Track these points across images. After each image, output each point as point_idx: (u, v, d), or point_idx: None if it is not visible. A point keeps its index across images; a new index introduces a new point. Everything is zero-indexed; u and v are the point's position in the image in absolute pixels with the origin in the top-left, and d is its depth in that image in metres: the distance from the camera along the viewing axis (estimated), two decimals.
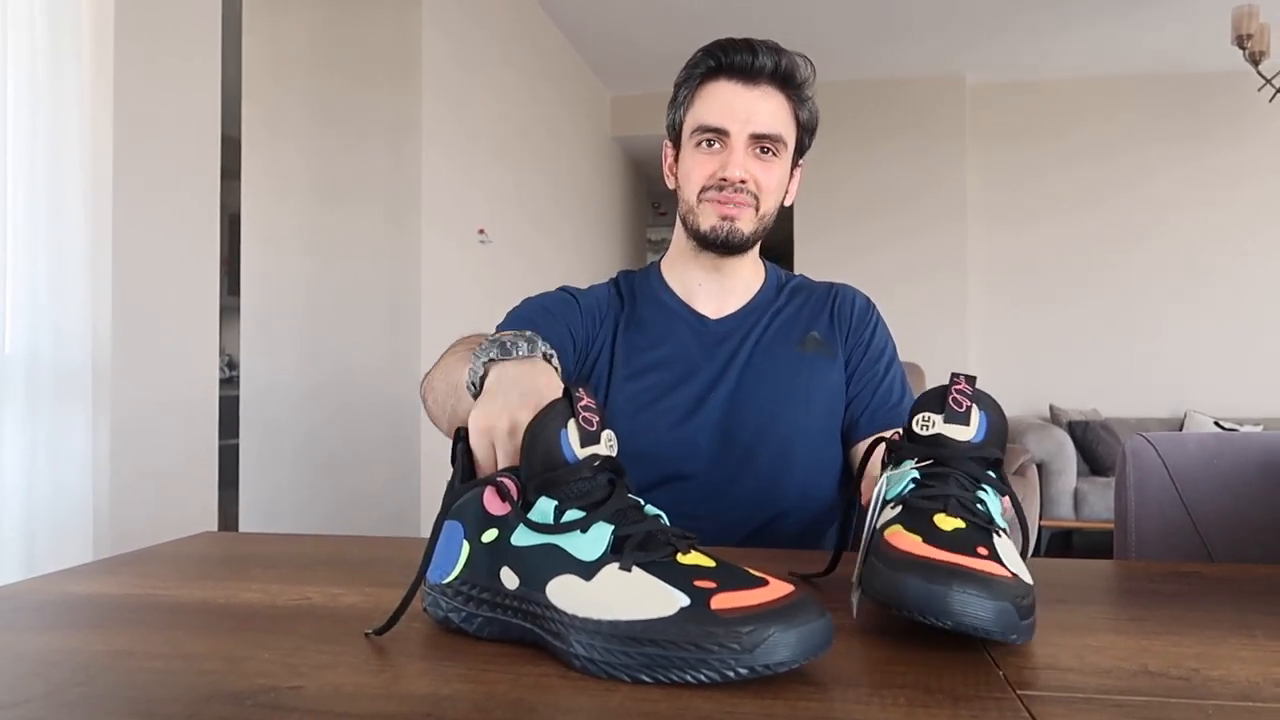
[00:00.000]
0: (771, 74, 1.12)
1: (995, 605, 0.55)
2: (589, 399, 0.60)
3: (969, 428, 0.68)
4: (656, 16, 4.56)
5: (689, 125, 1.15)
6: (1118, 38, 4.82)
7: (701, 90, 1.14)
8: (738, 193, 1.12)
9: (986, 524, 0.63)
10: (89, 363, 1.67)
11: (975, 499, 0.65)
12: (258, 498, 3.15)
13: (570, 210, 4.94)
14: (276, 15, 3.19)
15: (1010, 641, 0.56)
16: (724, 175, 1.11)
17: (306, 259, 3.16)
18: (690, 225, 1.17)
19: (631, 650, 0.51)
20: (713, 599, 0.52)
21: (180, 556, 0.90)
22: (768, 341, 1.20)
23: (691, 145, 1.15)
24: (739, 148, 1.11)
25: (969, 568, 0.57)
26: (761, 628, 0.50)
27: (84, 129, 1.66)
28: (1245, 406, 5.11)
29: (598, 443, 0.60)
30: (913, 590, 0.56)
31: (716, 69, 1.13)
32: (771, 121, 1.12)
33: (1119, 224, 5.36)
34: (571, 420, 0.59)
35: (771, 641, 0.49)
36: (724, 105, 1.12)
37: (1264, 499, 1.03)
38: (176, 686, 0.51)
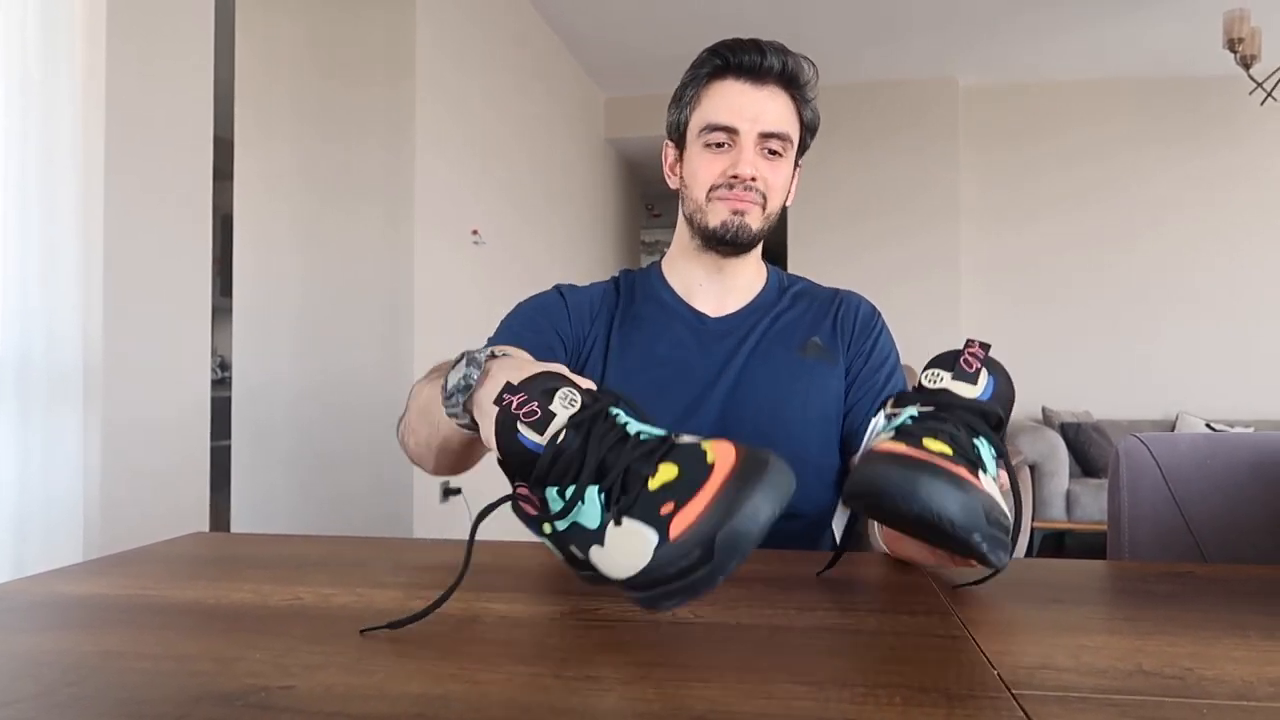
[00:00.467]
0: (779, 74, 1.13)
1: (964, 499, 0.56)
2: (515, 396, 0.62)
3: (976, 387, 0.70)
4: (651, 19, 4.56)
5: (696, 124, 1.16)
6: (1110, 41, 4.84)
7: (709, 89, 1.15)
8: (748, 190, 1.13)
9: (974, 458, 0.65)
10: (81, 364, 1.66)
11: (970, 443, 0.66)
12: (250, 499, 3.14)
13: (564, 212, 4.94)
14: (270, 15, 3.18)
15: (975, 545, 0.57)
16: (735, 173, 1.12)
17: (299, 260, 3.15)
18: (698, 224, 1.17)
19: (654, 593, 0.55)
20: (672, 526, 0.54)
21: (171, 557, 0.90)
22: (767, 343, 1.20)
23: (700, 145, 1.15)
24: (748, 146, 1.12)
25: (947, 468, 0.58)
26: (712, 541, 0.52)
27: (76, 130, 1.65)
28: (1237, 408, 5.13)
29: (553, 416, 0.61)
30: (884, 476, 0.58)
31: (724, 68, 1.14)
32: (779, 120, 1.13)
33: (1111, 226, 5.38)
34: (517, 421, 0.61)
35: (719, 543, 0.52)
36: (733, 104, 1.12)
37: (1256, 499, 1.03)
38: (167, 687, 0.51)
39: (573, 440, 0.60)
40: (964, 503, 0.56)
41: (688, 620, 0.64)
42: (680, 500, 0.54)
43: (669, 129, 1.22)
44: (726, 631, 0.62)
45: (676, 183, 1.22)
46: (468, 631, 0.62)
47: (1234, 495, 1.04)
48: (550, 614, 0.66)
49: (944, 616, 0.65)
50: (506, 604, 0.69)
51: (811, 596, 0.72)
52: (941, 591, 0.74)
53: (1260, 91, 4.03)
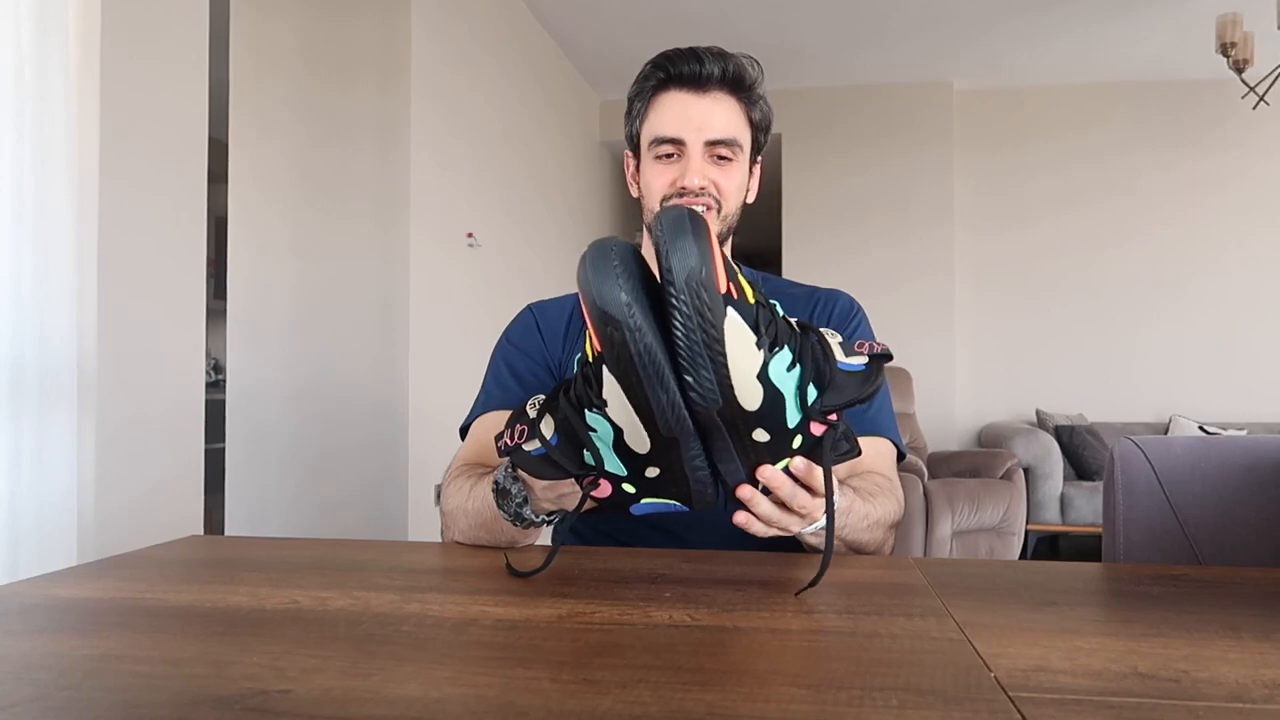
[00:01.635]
0: (720, 79, 1.13)
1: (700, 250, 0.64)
2: (514, 435, 0.76)
3: (848, 359, 0.74)
4: (645, 21, 4.57)
5: (646, 137, 1.17)
6: (1104, 45, 4.86)
7: (654, 102, 1.16)
8: (698, 197, 1.14)
9: (770, 335, 0.69)
10: (74, 367, 1.66)
11: (783, 332, 0.71)
12: (244, 501, 3.13)
13: (559, 214, 4.94)
14: (265, 18, 3.18)
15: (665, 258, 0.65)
16: (683, 184, 1.13)
17: (294, 262, 3.15)
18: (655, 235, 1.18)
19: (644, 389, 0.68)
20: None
21: (166, 560, 0.90)
22: None
23: (650, 157, 1.16)
24: (696, 155, 1.13)
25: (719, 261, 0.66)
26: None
27: (70, 131, 1.65)
28: (1230, 411, 5.15)
29: (539, 425, 0.75)
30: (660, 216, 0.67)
31: (666, 80, 1.14)
32: (725, 127, 1.14)
33: (1105, 229, 5.39)
34: (520, 447, 0.76)
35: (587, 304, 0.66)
36: (677, 115, 1.13)
37: (1250, 501, 1.03)
38: (163, 691, 0.51)
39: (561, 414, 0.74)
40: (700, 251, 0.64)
41: (685, 623, 0.64)
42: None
43: (627, 140, 1.23)
44: (723, 634, 0.62)
45: (637, 192, 1.23)
46: (465, 635, 0.62)
47: (1228, 498, 1.04)
48: (547, 617, 0.66)
49: (940, 619, 0.65)
50: (503, 607, 0.69)
51: (808, 599, 0.72)
52: (938, 594, 0.74)
53: (1252, 96, 4.05)
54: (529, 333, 1.23)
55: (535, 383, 1.17)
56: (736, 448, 0.72)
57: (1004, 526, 3.60)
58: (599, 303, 0.65)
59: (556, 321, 1.23)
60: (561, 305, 1.26)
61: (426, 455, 3.12)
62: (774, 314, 0.70)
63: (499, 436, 0.79)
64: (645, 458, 0.72)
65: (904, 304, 5.26)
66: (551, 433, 0.75)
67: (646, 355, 0.65)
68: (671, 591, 0.74)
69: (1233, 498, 1.04)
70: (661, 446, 0.70)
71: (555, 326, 1.23)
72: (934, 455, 4.31)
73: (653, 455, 0.71)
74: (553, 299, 1.29)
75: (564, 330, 1.22)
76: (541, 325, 1.23)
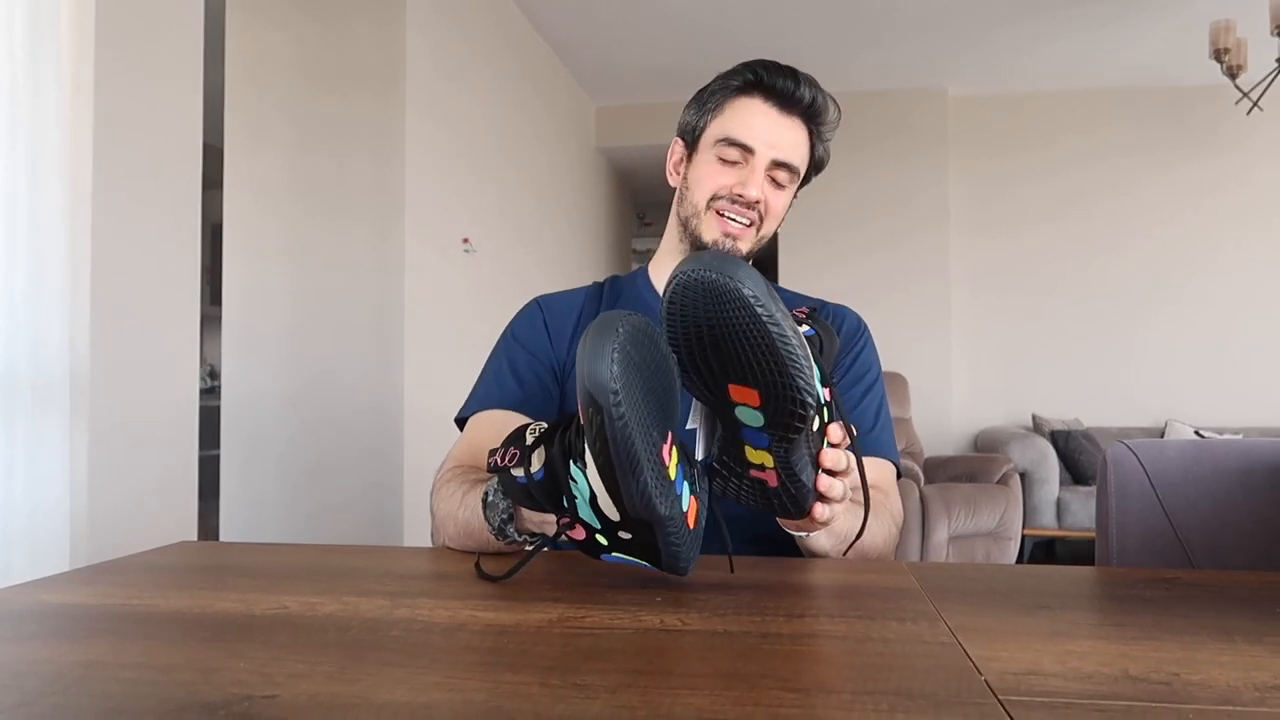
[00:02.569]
0: (806, 107, 1.13)
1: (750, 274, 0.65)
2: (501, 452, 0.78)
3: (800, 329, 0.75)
4: (642, 28, 4.58)
5: (714, 133, 1.15)
6: (1098, 51, 4.88)
7: (734, 102, 1.15)
8: (749, 209, 1.13)
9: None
10: (67, 373, 1.65)
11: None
12: (240, 508, 3.13)
13: (555, 221, 4.94)
14: (260, 24, 3.18)
15: (763, 313, 0.66)
16: (741, 192, 1.12)
17: (289, 269, 3.15)
18: (692, 229, 1.17)
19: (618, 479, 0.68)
20: None
21: (156, 566, 0.89)
22: None
23: (712, 155, 1.15)
24: (760, 169, 1.12)
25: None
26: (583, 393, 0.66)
27: (63, 137, 1.65)
28: (1225, 415, 5.16)
29: (533, 454, 0.75)
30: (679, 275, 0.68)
31: (754, 85, 1.13)
32: (794, 152, 1.14)
33: (1100, 235, 5.41)
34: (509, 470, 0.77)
35: (583, 381, 0.65)
36: (756, 124, 1.12)
37: (1243, 505, 1.04)
38: (150, 697, 0.50)
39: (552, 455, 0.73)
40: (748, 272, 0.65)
41: (675, 627, 0.64)
42: None
43: (683, 128, 1.21)
44: (714, 638, 0.62)
45: (678, 181, 1.21)
46: (454, 640, 0.62)
47: (1221, 501, 1.04)
48: (537, 622, 0.66)
49: (932, 622, 0.65)
50: (493, 612, 0.69)
51: (799, 603, 0.72)
52: (930, 598, 0.74)
53: (1246, 101, 4.06)
54: (535, 329, 1.21)
55: (535, 383, 1.15)
56: (806, 450, 0.77)
57: (1000, 531, 3.60)
58: (586, 380, 0.64)
59: (564, 319, 1.21)
60: (570, 300, 1.24)
61: (422, 461, 3.11)
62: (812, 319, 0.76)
63: (492, 452, 0.79)
64: (618, 523, 0.72)
65: (900, 309, 5.27)
66: (539, 467, 0.75)
67: (623, 444, 0.64)
68: (662, 596, 0.74)
69: (1225, 501, 1.04)
70: (633, 522, 0.71)
71: (563, 324, 1.21)
72: (930, 460, 4.32)
73: (624, 524, 0.72)
74: (561, 293, 1.27)
75: (571, 329, 1.20)
76: (549, 321, 1.21)
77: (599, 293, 1.26)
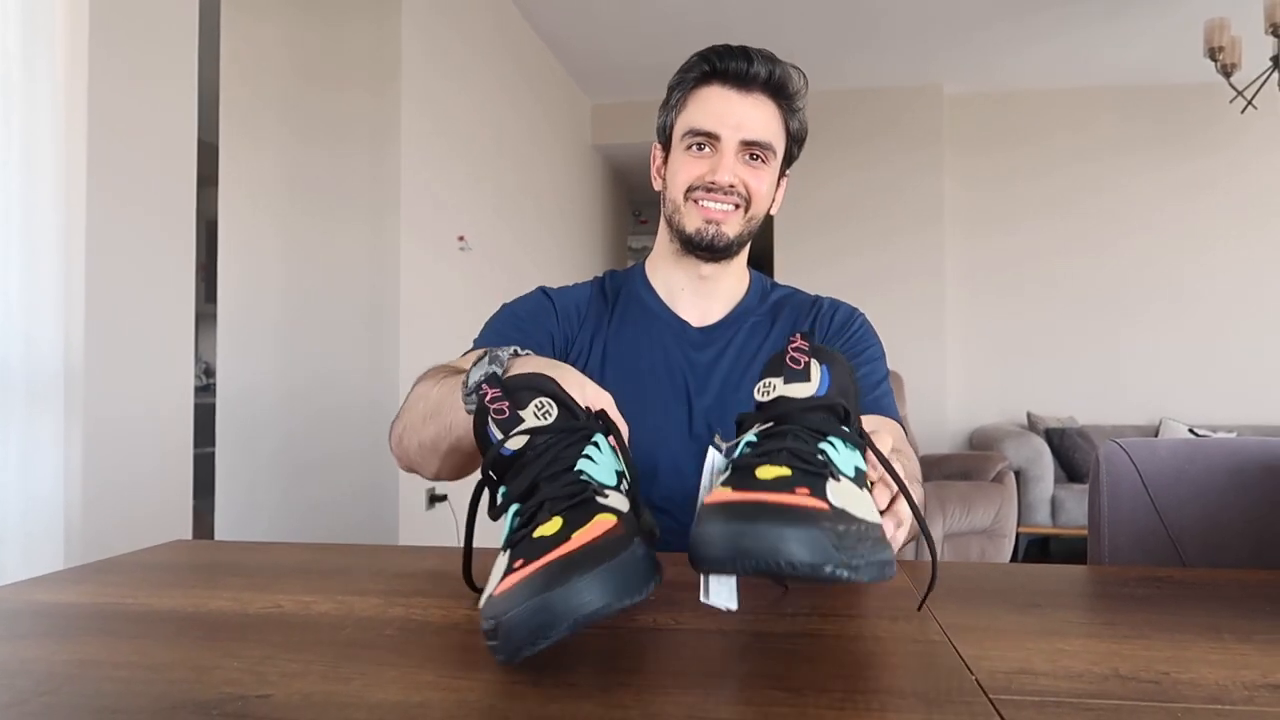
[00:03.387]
0: (765, 83, 1.13)
1: (802, 534, 0.47)
2: (493, 389, 0.63)
3: (810, 383, 0.62)
4: (637, 25, 4.57)
5: (680, 128, 1.16)
6: (1092, 49, 4.88)
7: (694, 94, 1.15)
8: (727, 194, 1.13)
9: (821, 468, 0.56)
10: (61, 370, 1.65)
11: (814, 450, 0.58)
12: (234, 506, 3.12)
13: (550, 218, 4.94)
14: (255, 21, 3.18)
15: (837, 577, 0.49)
16: (713, 179, 1.12)
17: (284, 266, 3.14)
18: (676, 225, 1.17)
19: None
20: (504, 581, 0.52)
21: (150, 565, 0.89)
22: (749, 356, 1.19)
23: (682, 148, 1.15)
24: (729, 153, 1.12)
25: (778, 503, 0.50)
26: (497, 617, 0.50)
27: (57, 133, 1.64)
28: (1220, 413, 5.17)
29: (521, 422, 0.61)
30: (709, 537, 0.50)
31: (710, 74, 1.14)
32: (762, 129, 1.13)
33: (1095, 232, 5.42)
34: (488, 415, 0.62)
35: (502, 632, 0.50)
36: (716, 110, 1.12)
37: (1234, 504, 1.04)
38: (143, 696, 0.50)
39: (531, 451, 0.60)
40: (803, 538, 0.48)
41: (668, 626, 0.64)
42: (526, 560, 0.52)
43: (657, 132, 1.22)
44: (705, 638, 0.62)
45: (661, 185, 1.22)
46: (447, 639, 0.62)
47: (1212, 500, 1.05)
48: None
49: (923, 621, 0.66)
50: None
51: (790, 602, 0.72)
52: (921, 596, 0.74)
53: (1240, 100, 4.07)
54: (541, 305, 1.21)
55: (533, 348, 1.12)
56: None
57: (995, 529, 3.61)
58: (562, 606, 0.49)
59: (569, 307, 1.22)
60: (574, 293, 1.24)
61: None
62: (813, 456, 0.58)
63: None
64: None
65: (895, 306, 5.27)
66: (513, 447, 0.61)
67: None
68: (656, 594, 0.74)
69: (1217, 500, 1.04)
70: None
71: (568, 311, 1.21)
72: (925, 458, 4.32)
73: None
74: (566, 288, 1.27)
75: (576, 317, 1.21)
76: (556, 304, 1.21)
77: (601, 292, 1.26)
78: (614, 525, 0.53)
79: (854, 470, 0.60)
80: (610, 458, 0.63)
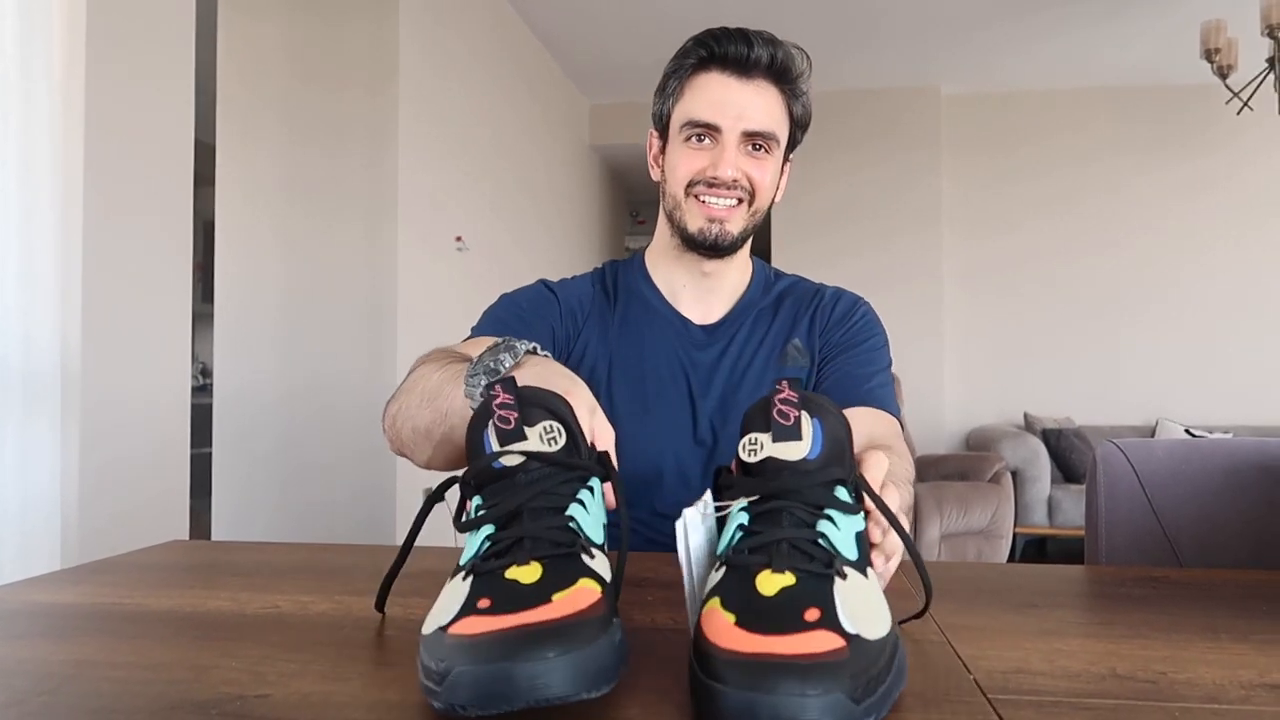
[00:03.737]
0: (767, 67, 1.08)
1: (822, 702, 0.43)
2: (505, 395, 0.57)
3: (802, 442, 0.56)
4: (635, 25, 4.57)
5: (678, 118, 1.10)
6: (1090, 50, 4.89)
7: (692, 82, 1.10)
8: (730, 189, 1.08)
9: (826, 566, 0.52)
10: (58, 370, 1.65)
11: (814, 535, 0.54)
12: (231, 506, 3.12)
13: (548, 218, 4.94)
14: (253, 20, 3.17)
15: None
16: (714, 174, 1.07)
17: (281, 266, 3.14)
18: (677, 222, 1.12)
19: (417, 663, 0.49)
20: (460, 622, 0.47)
21: (148, 565, 0.89)
22: (750, 352, 1.16)
23: (680, 139, 1.10)
24: (731, 145, 1.07)
25: (786, 656, 0.45)
26: (451, 662, 0.45)
27: (54, 133, 1.64)
28: (1216, 414, 5.18)
29: (523, 438, 0.56)
30: (725, 704, 0.44)
31: (709, 59, 1.08)
32: (765, 118, 1.08)
33: (1092, 233, 5.42)
34: (489, 420, 0.57)
35: (452, 681, 0.44)
36: (716, 99, 1.07)
37: (1231, 504, 1.04)
38: (141, 696, 0.50)
39: (523, 475, 0.56)
40: (826, 706, 0.43)
41: (667, 626, 0.64)
42: (494, 603, 0.48)
43: (654, 119, 1.17)
44: None
45: (659, 175, 1.17)
46: None
47: (1209, 500, 1.05)
48: None
49: (921, 622, 0.66)
50: None
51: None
52: (920, 596, 0.74)
53: (1236, 101, 4.08)
54: (544, 298, 1.17)
55: (534, 337, 1.07)
56: None
57: (992, 529, 3.62)
58: (526, 682, 0.44)
59: (571, 302, 1.18)
60: (576, 287, 1.20)
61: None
62: (814, 545, 0.54)
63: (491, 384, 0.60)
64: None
65: (892, 307, 5.24)
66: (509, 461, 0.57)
67: None
68: (654, 595, 0.74)
69: (1213, 500, 1.04)
70: None
71: (571, 306, 1.18)
72: (922, 458, 4.33)
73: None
74: (567, 281, 1.22)
75: (579, 313, 1.18)
76: (560, 298, 1.18)
77: (602, 288, 1.22)
78: (598, 601, 0.49)
79: (855, 547, 0.56)
80: (599, 510, 0.59)
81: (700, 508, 0.59)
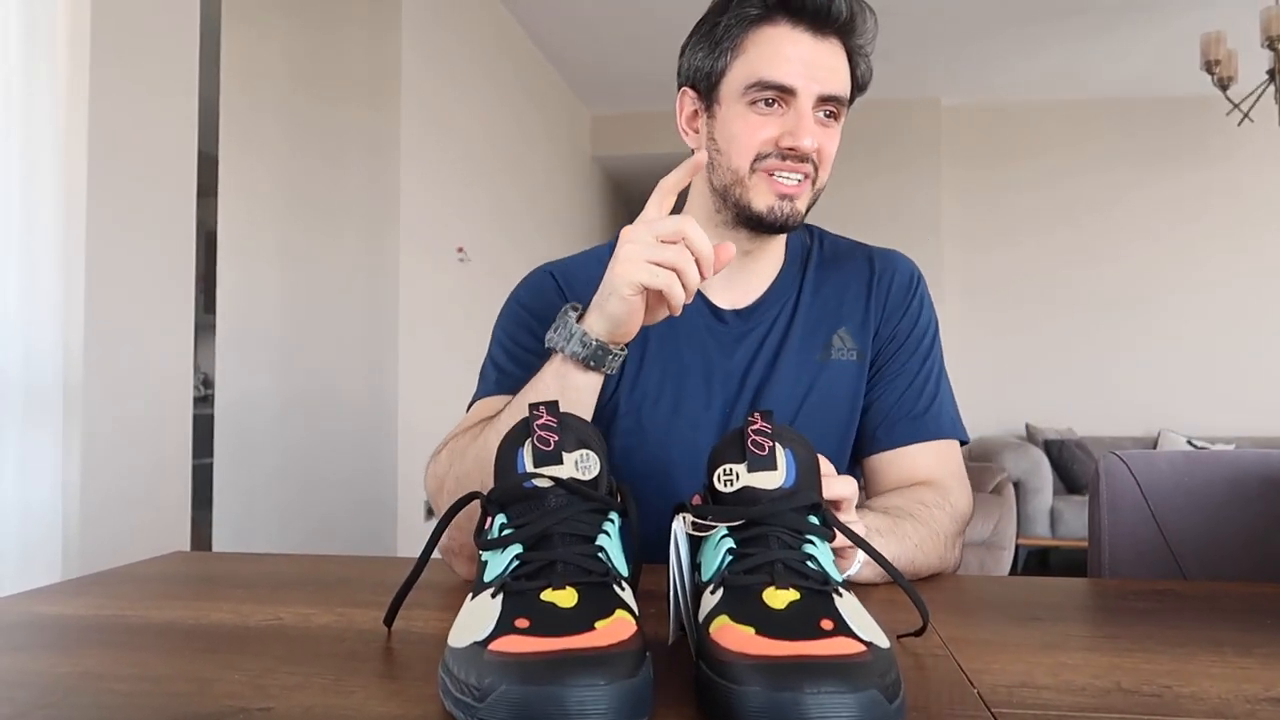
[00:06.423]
0: (842, 25, 0.95)
1: (859, 698, 0.44)
2: (548, 417, 0.57)
3: (777, 472, 0.58)
4: (637, 36, 4.59)
5: (740, 77, 0.94)
6: (1090, 62, 4.90)
7: (758, 34, 0.94)
8: (803, 162, 0.95)
9: (822, 584, 0.53)
10: (60, 380, 1.65)
11: (804, 556, 0.55)
12: (232, 517, 3.12)
13: (549, 229, 4.94)
14: (255, 33, 3.19)
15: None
16: (793, 145, 0.93)
17: (283, 277, 3.15)
18: (734, 199, 0.98)
19: (442, 676, 0.49)
20: (500, 640, 0.47)
21: (150, 576, 0.89)
22: (789, 342, 1.05)
23: (743, 103, 0.95)
24: (808, 111, 0.93)
25: (817, 656, 0.46)
26: (496, 680, 0.44)
27: (58, 144, 1.65)
28: (1218, 425, 5.17)
29: (559, 462, 0.57)
30: (757, 703, 0.44)
31: (780, 5, 0.93)
32: (841, 81, 0.96)
33: (1092, 245, 5.43)
34: (528, 439, 0.57)
35: (496, 699, 0.44)
36: (791, 57, 0.93)
37: (1235, 516, 1.04)
38: (144, 709, 0.50)
39: (554, 498, 0.56)
40: (861, 702, 0.43)
41: (667, 637, 0.64)
42: (533, 627, 0.48)
43: (691, 74, 1.00)
44: None
45: (698, 141, 1.00)
46: None
47: (1213, 513, 1.05)
48: None
49: (925, 634, 0.65)
50: None
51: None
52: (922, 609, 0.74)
53: (1237, 113, 4.09)
54: (550, 293, 1.06)
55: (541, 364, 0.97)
56: None
57: (994, 541, 3.60)
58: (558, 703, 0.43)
59: (582, 295, 1.01)
60: (585, 271, 1.05)
61: (416, 471, 3.10)
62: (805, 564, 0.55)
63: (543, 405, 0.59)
64: None
65: None
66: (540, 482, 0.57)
67: None
68: (656, 608, 0.74)
69: (1217, 513, 1.04)
70: None
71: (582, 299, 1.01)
72: None
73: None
74: (573, 266, 1.09)
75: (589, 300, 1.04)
76: (567, 293, 1.06)
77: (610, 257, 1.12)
78: (635, 634, 0.49)
79: (834, 566, 0.57)
80: (619, 545, 0.59)
81: (684, 524, 0.60)
